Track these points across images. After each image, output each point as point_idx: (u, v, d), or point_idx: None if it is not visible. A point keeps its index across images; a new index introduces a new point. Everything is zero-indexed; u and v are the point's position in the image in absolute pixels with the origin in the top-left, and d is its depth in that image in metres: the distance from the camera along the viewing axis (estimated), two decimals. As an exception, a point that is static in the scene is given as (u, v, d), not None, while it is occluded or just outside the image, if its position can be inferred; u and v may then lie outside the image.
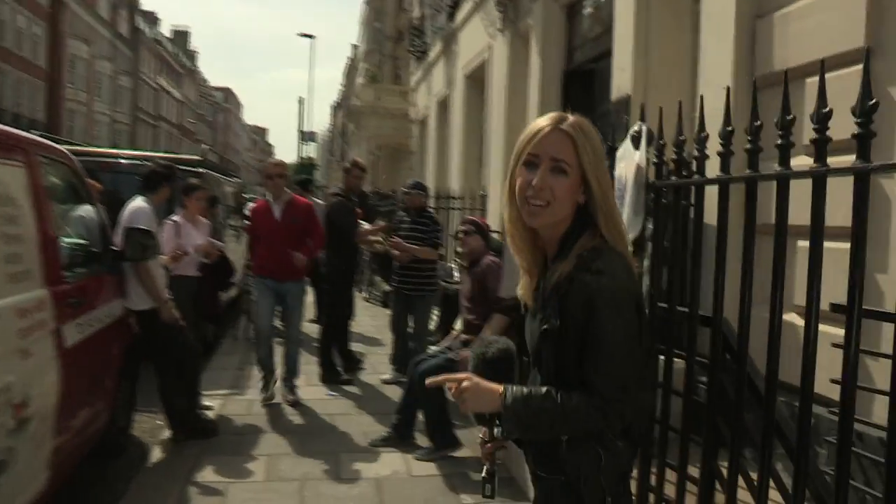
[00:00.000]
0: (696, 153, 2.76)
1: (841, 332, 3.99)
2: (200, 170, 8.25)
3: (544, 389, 1.69)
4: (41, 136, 4.94)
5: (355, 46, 61.88)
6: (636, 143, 3.23)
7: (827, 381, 2.93)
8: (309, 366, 7.47)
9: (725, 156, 2.60)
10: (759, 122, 2.43)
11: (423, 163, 19.82)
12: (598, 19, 8.59)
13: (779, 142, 2.32)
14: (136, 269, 4.97)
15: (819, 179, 2.19)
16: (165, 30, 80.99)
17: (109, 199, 7.49)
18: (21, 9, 40.29)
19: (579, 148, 1.73)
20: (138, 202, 5.26)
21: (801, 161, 2.46)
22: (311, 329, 9.64)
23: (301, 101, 18.42)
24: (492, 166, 12.04)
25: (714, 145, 2.67)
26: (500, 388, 1.75)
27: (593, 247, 1.71)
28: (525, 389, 1.72)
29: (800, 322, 3.99)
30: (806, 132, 2.29)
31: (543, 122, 1.79)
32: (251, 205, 11.13)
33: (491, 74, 12.70)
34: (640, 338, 1.73)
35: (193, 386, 5.53)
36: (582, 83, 8.98)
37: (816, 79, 4.34)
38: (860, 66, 4.19)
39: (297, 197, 6.50)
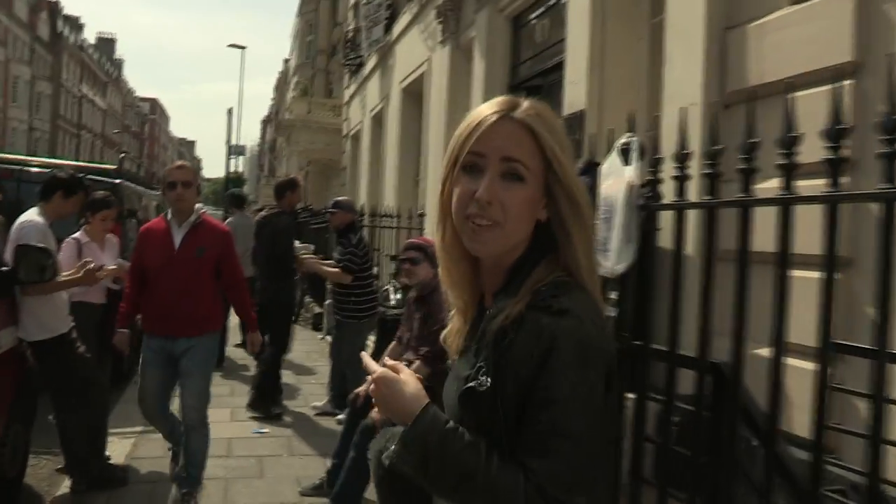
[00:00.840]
0: (707, 170, 2.32)
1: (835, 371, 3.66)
2: (116, 180, 7.49)
3: (474, 439, 1.20)
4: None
5: (286, 61, 61.08)
6: (626, 157, 2.78)
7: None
8: (234, 397, 6.83)
9: (748, 172, 2.16)
10: (796, 134, 2.01)
11: (356, 179, 19.27)
12: (547, 32, 8.23)
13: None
14: (35, 291, 4.31)
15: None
16: (90, 36, 78.58)
17: (11, 211, 6.76)
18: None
19: (542, 143, 1.28)
20: (29, 215, 4.60)
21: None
22: (236, 354, 8.97)
23: (230, 112, 17.59)
24: (429, 183, 11.58)
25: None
26: (426, 402, 1.26)
27: (554, 281, 1.26)
28: (453, 424, 1.23)
29: (795, 363, 3.62)
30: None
31: (487, 109, 1.33)
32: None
33: (429, 88, 12.26)
34: (605, 417, 1.23)
35: (99, 427, 4.84)
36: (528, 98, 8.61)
37: (798, 94, 3.99)
38: (848, 83, 3.92)
39: (209, 218, 4.70)
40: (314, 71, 32.91)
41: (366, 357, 1.40)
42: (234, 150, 22.77)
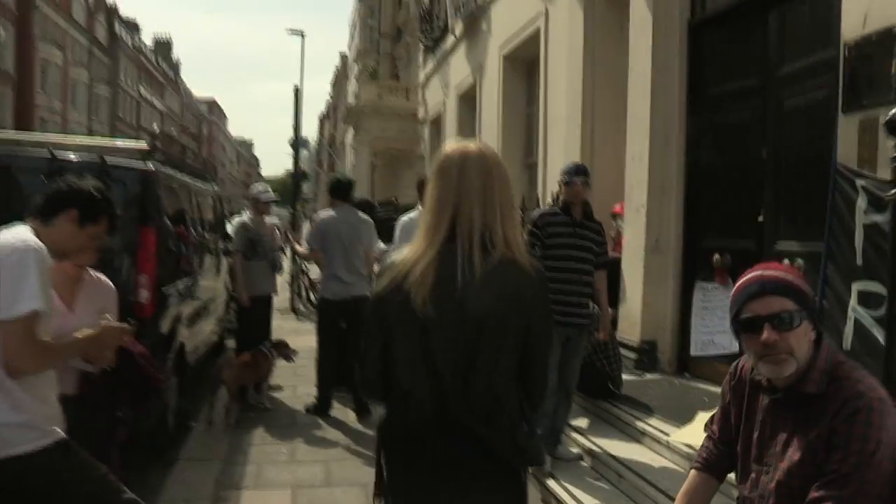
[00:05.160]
0: None
1: None
2: (148, 165, 4.97)
3: None
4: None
5: (344, 56, 59.26)
6: None
7: None
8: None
9: None
10: None
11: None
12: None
13: None
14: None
15: None
16: (147, 39, 77.81)
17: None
18: (-14, 10, 37.27)
19: None
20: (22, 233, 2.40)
21: None
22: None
23: (296, 91, 15.29)
24: (551, 166, 9.13)
25: None
26: None
27: None
28: None
29: None
30: None
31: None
32: (238, 220, 8.07)
33: (548, 49, 9.77)
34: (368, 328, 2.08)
35: None
36: (733, 33, 6.03)
37: None
38: None
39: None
40: (378, 56, 30.74)
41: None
42: (300, 143, 20.56)
